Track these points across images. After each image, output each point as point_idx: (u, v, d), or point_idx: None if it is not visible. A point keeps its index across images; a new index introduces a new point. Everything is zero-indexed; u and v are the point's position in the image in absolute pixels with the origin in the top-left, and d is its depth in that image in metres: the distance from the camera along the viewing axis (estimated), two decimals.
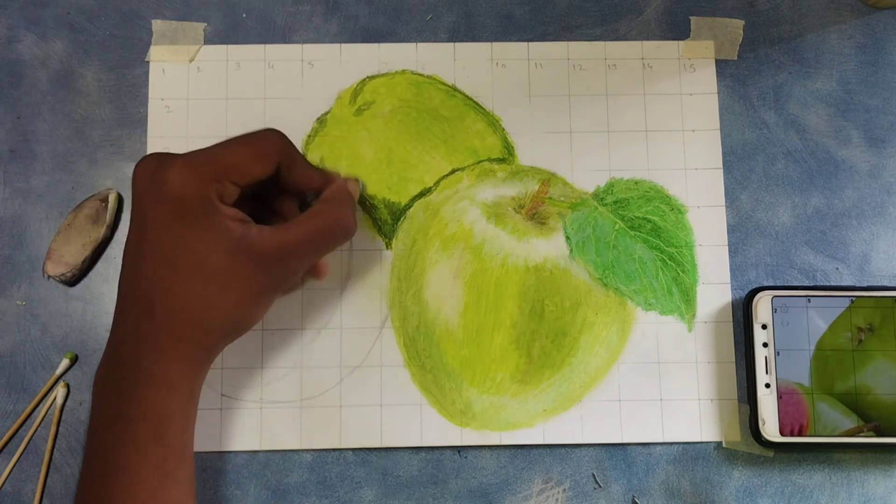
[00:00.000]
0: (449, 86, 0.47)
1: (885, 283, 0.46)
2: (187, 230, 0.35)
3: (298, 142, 0.46)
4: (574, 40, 0.48)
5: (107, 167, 0.46)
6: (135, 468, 0.34)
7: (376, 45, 0.48)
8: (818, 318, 0.43)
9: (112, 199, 0.45)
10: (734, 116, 0.47)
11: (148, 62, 0.47)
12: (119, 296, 0.37)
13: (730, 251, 0.46)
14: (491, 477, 0.44)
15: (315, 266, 0.41)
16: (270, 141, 0.38)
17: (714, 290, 0.45)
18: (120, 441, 0.35)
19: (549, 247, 0.45)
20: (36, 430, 0.44)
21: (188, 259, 0.35)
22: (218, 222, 0.36)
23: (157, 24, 0.47)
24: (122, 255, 0.37)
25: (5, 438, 0.43)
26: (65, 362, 0.44)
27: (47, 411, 0.44)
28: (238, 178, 0.37)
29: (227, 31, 0.48)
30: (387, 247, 0.46)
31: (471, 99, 0.47)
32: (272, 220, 0.41)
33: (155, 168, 0.36)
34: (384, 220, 0.46)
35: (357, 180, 0.43)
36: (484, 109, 0.47)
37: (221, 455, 0.44)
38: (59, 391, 0.44)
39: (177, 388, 0.36)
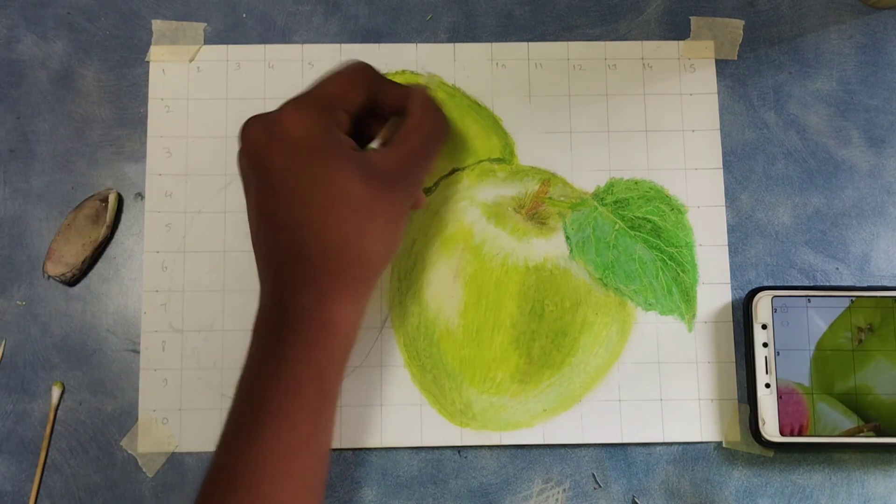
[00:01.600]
0: (449, 86, 0.47)
1: (885, 283, 0.46)
2: (320, 167, 0.35)
3: None
4: (574, 40, 0.48)
5: (107, 167, 0.46)
6: (294, 413, 0.34)
7: (376, 45, 0.48)
8: (818, 318, 0.43)
9: (112, 199, 0.45)
10: (734, 116, 0.47)
11: (148, 62, 0.47)
12: (262, 255, 0.37)
13: (730, 251, 0.46)
14: (491, 477, 0.44)
15: (417, 198, 0.42)
16: (359, 67, 0.39)
17: (714, 290, 0.45)
18: (281, 384, 0.35)
19: (549, 247, 0.45)
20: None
21: (330, 194, 0.35)
22: (346, 152, 0.36)
23: (157, 24, 0.47)
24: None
25: None
26: (56, 392, 0.44)
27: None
28: (346, 106, 0.38)
29: (227, 31, 0.48)
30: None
31: (471, 99, 0.47)
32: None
33: (267, 122, 0.37)
34: None
35: (428, 80, 0.45)
36: (484, 109, 0.47)
37: None
38: (55, 391, 0.44)
39: (341, 329, 0.36)
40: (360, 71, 0.39)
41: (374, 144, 0.40)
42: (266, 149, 0.36)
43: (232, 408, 0.36)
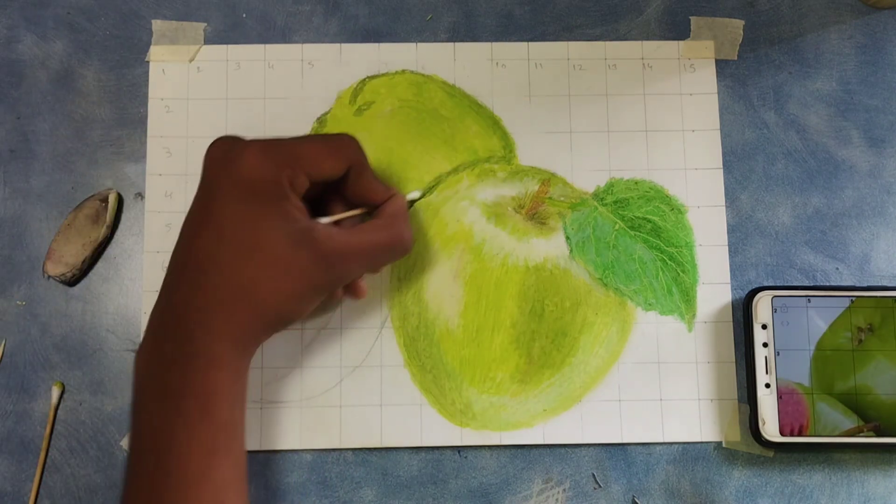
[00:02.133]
0: (449, 86, 0.47)
1: (885, 283, 0.46)
2: (254, 211, 0.35)
3: None
4: (574, 40, 0.48)
5: (107, 167, 0.46)
6: (184, 446, 0.34)
7: (376, 45, 0.48)
8: (818, 318, 0.43)
9: (112, 199, 0.45)
10: (734, 116, 0.47)
11: (148, 62, 0.47)
12: (171, 267, 0.37)
13: (730, 251, 0.46)
14: (491, 477, 0.44)
15: (355, 285, 0.41)
16: (346, 142, 0.39)
17: (714, 290, 0.45)
18: (167, 418, 0.34)
19: (549, 247, 0.45)
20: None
21: (250, 240, 0.35)
22: (286, 209, 0.36)
23: (157, 24, 0.47)
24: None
25: None
26: (56, 392, 0.44)
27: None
28: (311, 171, 0.37)
29: (227, 31, 0.48)
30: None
31: (471, 99, 0.47)
32: None
33: (229, 147, 0.36)
34: None
35: (407, 195, 0.43)
36: (484, 109, 0.47)
37: None
38: (55, 391, 0.44)
39: (224, 365, 0.36)
40: (346, 147, 0.39)
41: (324, 221, 0.38)
42: (217, 174, 0.36)
43: (129, 439, 0.36)
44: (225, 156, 0.36)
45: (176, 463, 0.34)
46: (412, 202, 0.45)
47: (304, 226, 0.36)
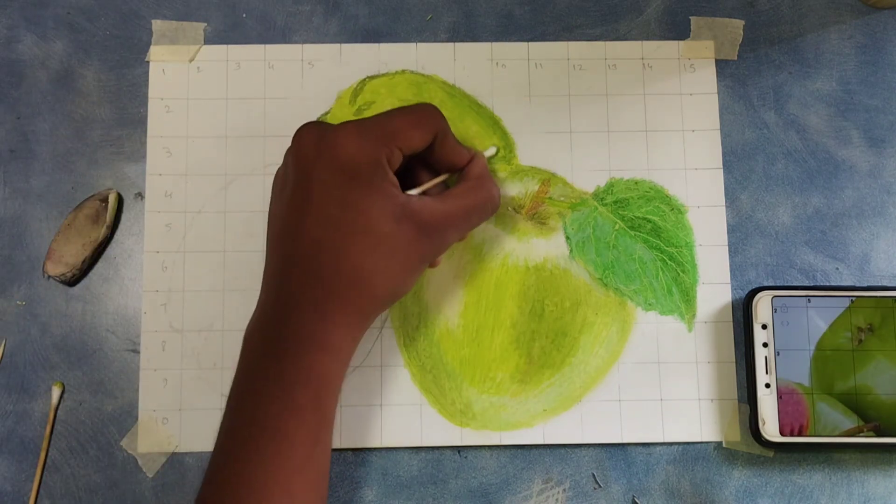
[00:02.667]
0: (449, 86, 0.47)
1: (885, 283, 0.46)
2: (357, 193, 0.36)
3: None
4: (574, 40, 0.48)
5: (107, 167, 0.46)
6: (293, 433, 0.34)
7: (376, 45, 0.48)
8: (818, 318, 0.43)
9: (112, 199, 0.45)
10: (734, 116, 0.47)
11: (148, 62, 0.47)
12: (276, 256, 0.37)
13: (730, 251, 0.46)
14: (491, 477, 0.44)
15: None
16: (430, 111, 0.39)
17: (714, 290, 0.45)
18: (280, 404, 0.34)
19: (549, 247, 0.45)
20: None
21: (357, 222, 0.36)
22: (387, 187, 0.36)
23: (157, 24, 0.48)
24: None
25: None
26: (56, 392, 0.44)
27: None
28: (404, 145, 0.37)
29: (227, 31, 0.48)
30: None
31: (471, 99, 0.47)
32: None
33: (322, 133, 0.37)
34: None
35: (485, 152, 0.44)
36: (484, 109, 0.47)
37: None
38: (55, 391, 0.44)
39: (338, 353, 0.36)
40: (431, 116, 0.39)
41: (415, 192, 0.39)
42: (313, 160, 0.36)
43: (226, 422, 0.36)
44: (319, 142, 0.36)
45: (283, 450, 0.34)
46: (490, 158, 0.46)
47: (403, 201, 0.37)
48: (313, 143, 0.37)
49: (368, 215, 0.36)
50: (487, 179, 0.41)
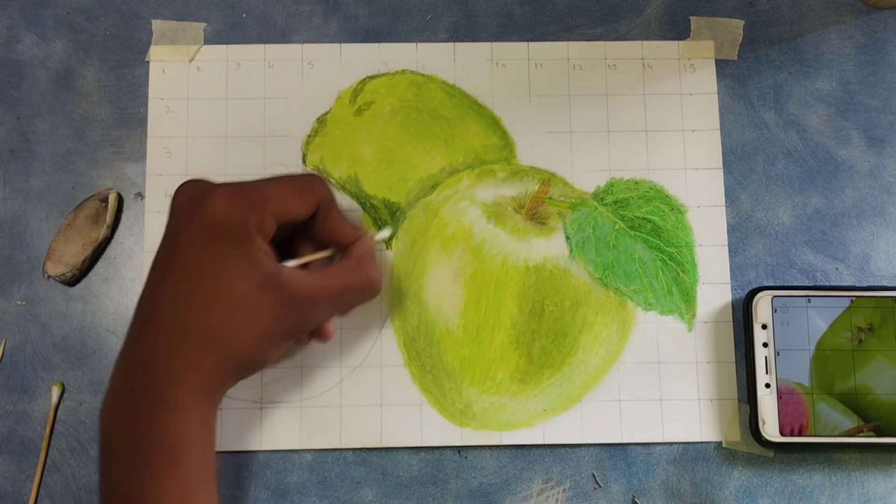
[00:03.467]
0: (449, 86, 0.47)
1: (885, 283, 0.46)
2: (221, 256, 0.35)
3: (298, 142, 0.46)
4: (574, 40, 0.48)
5: (107, 167, 0.46)
6: (155, 498, 0.34)
7: (376, 45, 0.48)
8: (818, 318, 0.43)
9: (112, 199, 0.45)
10: (734, 116, 0.47)
11: (148, 62, 0.47)
12: (137, 315, 0.37)
13: (730, 251, 0.46)
14: (491, 477, 0.44)
15: (322, 329, 0.41)
16: (313, 183, 0.38)
17: (714, 290, 0.45)
18: (137, 470, 0.34)
19: (549, 247, 0.45)
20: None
21: (217, 284, 0.35)
22: (253, 253, 0.36)
23: (157, 24, 0.48)
24: (139, 283, 0.37)
25: None
26: (56, 392, 0.44)
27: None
28: (278, 213, 0.37)
29: (227, 31, 0.48)
30: (387, 247, 0.46)
31: (471, 99, 0.47)
32: None
33: (198, 192, 0.36)
34: (384, 220, 0.46)
35: (376, 234, 0.43)
36: (484, 109, 0.47)
37: (221, 455, 0.44)
38: (55, 391, 0.44)
39: (193, 412, 0.35)
40: (313, 186, 0.38)
41: (290, 264, 0.38)
42: (185, 218, 0.36)
43: (101, 494, 0.35)
44: (192, 200, 0.36)
45: None
46: (382, 241, 0.45)
47: (270, 270, 0.36)
48: (188, 201, 0.36)
49: (229, 279, 0.35)
50: (369, 262, 0.39)
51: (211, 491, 0.36)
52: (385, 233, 0.44)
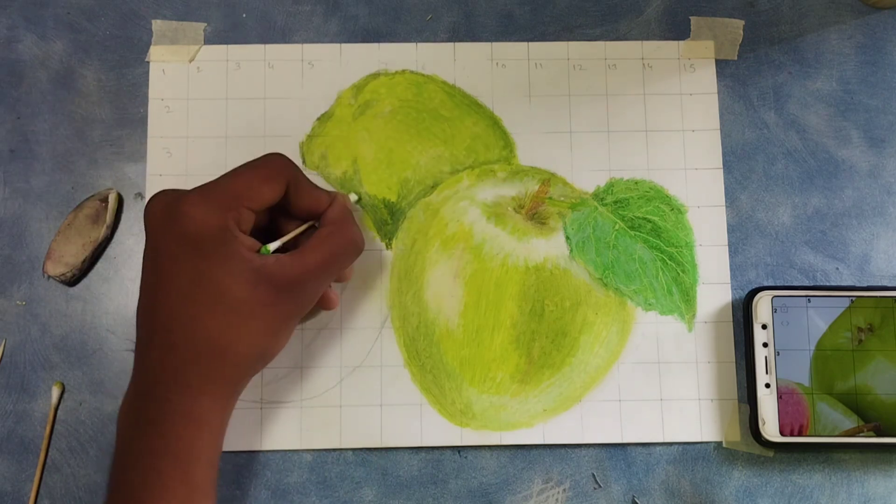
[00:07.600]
0: (449, 86, 0.47)
1: (885, 283, 0.46)
2: (206, 264, 0.35)
3: (298, 142, 0.46)
4: (574, 40, 0.48)
5: (107, 167, 0.46)
6: None
7: (376, 45, 0.48)
8: (818, 318, 0.43)
9: (112, 199, 0.45)
10: (734, 116, 0.47)
11: (148, 62, 0.47)
12: (139, 330, 0.37)
13: (730, 251, 0.46)
14: (491, 477, 0.44)
15: (326, 298, 0.42)
16: (276, 163, 0.38)
17: (714, 290, 0.45)
18: (145, 478, 0.34)
19: (549, 247, 0.45)
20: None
21: (208, 291, 0.35)
22: (237, 252, 0.35)
23: (157, 24, 0.48)
24: (139, 283, 0.37)
25: None
26: (56, 392, 0.44)
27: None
28: (252, 203, 0.37)
29: (227, 31, 0.48)
30: (387, 247, 0.46)
31: (471, 99, 0.47)
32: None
33: (168, 203, 0.36)
34: (384, 220, 0.46)
35: (347, 195, 0.43)
36: (484, 109, 0.47)
37: (222, 455, 0.43)
38: (55, 391, 0.44)
39: (205, 423, 0.36)
40: (278, 167, 0.38)
41: (273, 246, 0.38)
42: (161, 233, 0.36)
43: (107, 496, 0.36)
44: (166, 214, 0.36)
45: None
46: (355, 201, 0.45)
47: (257, 265, 0.36)
48: (160, 215, 0.36)
49: (220, 284, 0.35)
50: (347, 222, 0.39)
51: (212, 499, 0.37)
52: (353, 196, 0.44)
